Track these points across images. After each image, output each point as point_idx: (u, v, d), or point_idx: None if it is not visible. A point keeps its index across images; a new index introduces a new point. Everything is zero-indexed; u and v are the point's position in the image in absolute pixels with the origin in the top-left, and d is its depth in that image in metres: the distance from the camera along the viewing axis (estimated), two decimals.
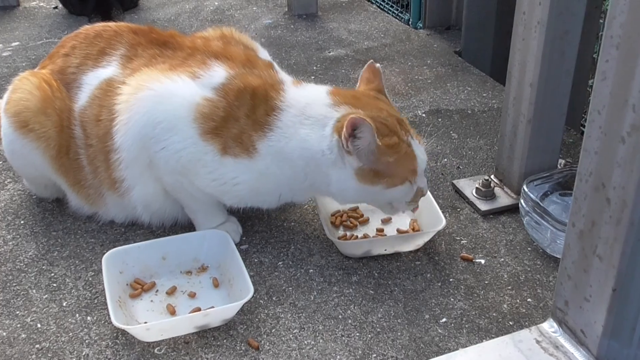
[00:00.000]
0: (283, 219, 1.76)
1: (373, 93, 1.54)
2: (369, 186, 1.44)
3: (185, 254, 1.56)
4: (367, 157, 1.41)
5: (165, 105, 1.48)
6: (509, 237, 1.70)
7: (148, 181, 1.57)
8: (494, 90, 2.47)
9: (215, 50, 1.58)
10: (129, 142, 1.51)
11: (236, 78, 1.50)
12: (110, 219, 1.72)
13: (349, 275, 1.56)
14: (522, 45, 1.67)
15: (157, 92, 1.49)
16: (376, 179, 1.44)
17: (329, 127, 1.43)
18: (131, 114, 1.49)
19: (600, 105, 1.09)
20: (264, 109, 1.47)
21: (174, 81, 1.50)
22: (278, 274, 1.57)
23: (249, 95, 1.48)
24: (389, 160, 1.42)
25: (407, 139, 1.45)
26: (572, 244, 1.21)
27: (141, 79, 1.52)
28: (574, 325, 1.27)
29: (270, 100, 1.47)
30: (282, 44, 2.91)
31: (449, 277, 1.56)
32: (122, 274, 1.50)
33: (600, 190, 1.13)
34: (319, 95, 1.50)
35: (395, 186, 1.45)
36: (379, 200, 1.52)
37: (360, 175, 1.43)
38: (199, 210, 1.64)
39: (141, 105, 1.49)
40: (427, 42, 2.94)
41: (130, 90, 1.51)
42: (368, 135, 1.38)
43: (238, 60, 1.56)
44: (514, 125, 1.77)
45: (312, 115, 1.46)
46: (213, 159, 1.48)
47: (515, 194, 1.81)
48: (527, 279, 1.55)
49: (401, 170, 1.45)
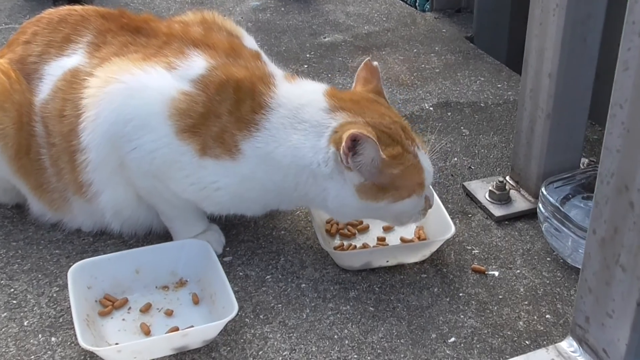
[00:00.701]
0: (272, 227, 1.78)
1: (372, 96, 1.55)
2: (372, 202, 1.46)
3: (161, 267, 1.58)
4: (369, 171, 1.43)
5: (137, 100, 1.49)
6: (525, 246, 1.72)
7: (118, 185, 1.59)
8: (510, 81, 2.50)
9: (194, 38, 1.60)
10: (97, 141, 1.52)
11: (218, 69, 1.51)
12: (76, 227, 1.73)
13: (346, 290, 1.58)
14: (540, 30, 1.69)
15: (128, 85, 1.50)
16: (380, 194, 1.46)
17: (325, 137, 1.45)
18: (99, 110, 1.51)
19: (622, 99, 1.11)
20: (250, 105, 1.48)
21: (147, 73, 1.51)
22: (266, 289, 1.59)
23: (233, 89, 1.49)
24: (394, 172, 1.44)
25: (412, 149, 1.47)
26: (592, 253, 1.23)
27: (110, 70, 1.53)
28: (595, 344, 1.29)
29: (258, 95, 1.49)
30: (272, 28, 2.93)
31: (458, 291, 1.58)
32: (90, 290, 1.51)
33: (624, 192, 1.15)
34: (314, 96, 1.51)
35: (402, 199, 1.47)
36: (384, 215, 1.55)
37: (362, 191, 1.45)
38: (176, 217, 1.66)
39: (110, 100, 1.50)
40: (434, 27, 2.96)
41: (98, 83, 1.52)
42: (371, 151, 1.40)
43: (220, 48, 1.57)
44: (532, 120, 1.79)
45: (306, 120, 1.47)
46: (191, 160, 1.50)
47: (533, 198, 1.83)
48: (546, 293, 1.57)
49: (407, 183, 1.47)
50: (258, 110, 1.48)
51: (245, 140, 1.47)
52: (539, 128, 1.77)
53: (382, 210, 1.49)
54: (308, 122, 1.47)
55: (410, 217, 1.54)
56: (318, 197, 1.49)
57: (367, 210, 1.49)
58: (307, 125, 1.47)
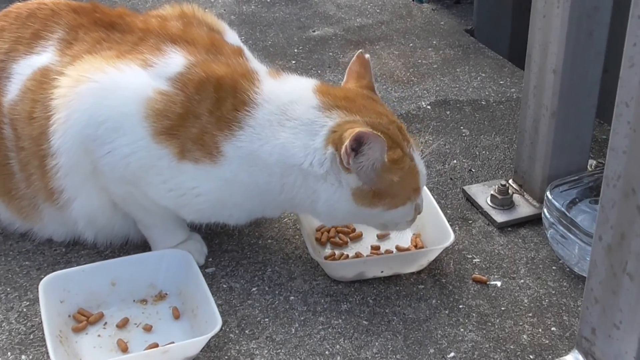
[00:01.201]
0: (258, 235, 1.80)
1: (367, 92, 1.57)
2: (367, 208, 1.49)
3: (139, 279, 1.59)
4: (367, 175, 1.45)
5: (110, 101, 1.51)
6: (530, 254, 1.75)
7: (92, 192, 1.61)
8: (513, 77, 2.53)
9: (172, 33, 1.62)
10: (68, 145, 1.54)
11: (197, 66, 1.53)
12: (47, 237, 1.75)
13: (338, 302, 1.61)
14: (543, 23, 1.72)
15: (101, 84, 1.52)
16: (376, 200, 1.48)
17: (320, 137, 1.46)
18: (70, 112, 1.52)
19: (628, 97, 1.14)
20: (231, 104, 1.50)
21: (121, 71, 1.53)
22: (252, 302, 1.61)
23: (213, 87, 1.51)
24: (393, 179, 1.46)
25: (409, 152, 1.50)
26: (598, 261, 1.26)
27: (82, 68, 1.55)
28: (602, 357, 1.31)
29: (241, 92, 1.50)
30: (257, 21, 2.95)
31: (458, 303, 1.61)
32: (63, 304, 1.53)
33: (630, 196, 1.17)
34: (303, 93, 1.53)
35: (396, 208, 1.51)
36: (373, 221, 1.57)
37: (359, 196, 1.47)
38: (154, 226, 1.68)
39: (82, 100, 1.52)
40: (432, 19, 2.99)
41: (69, 83, 1.54)
42: (376, 152, 1.42)
43: (200, 44, 1.59)
44: (536, 119, 1.82)
45: (296, 118, 1.49)
46: (168, 165, 1.51)
47: (537, 202, 1.86)
48: (551, 304, 1.60)
49: (404, 190, 1.50)
50: (241, 107, 1.49)
51: (227, 140, 1.49)
52: (544, 127, 1.80)
53: (375, 217, 1.53)
54: (298, 119, 1.49)
55: (399, 225, 1.57)
56: (306, 200, 1.51)
57: (360, 215, 1.52)
58: (298, 122, 1.48)
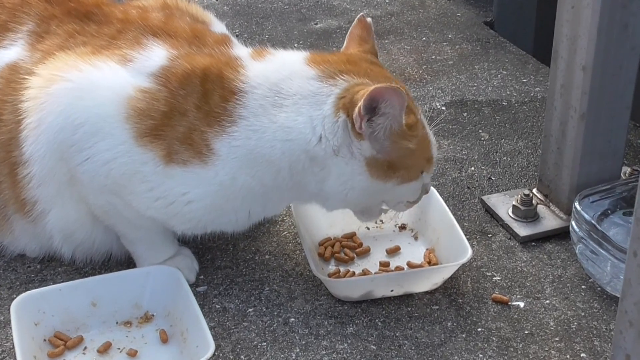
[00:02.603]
0: (254, 250, 1.80)
1: (370, 57, 1.58)
2: (381, 182, 1.49)
3: (123, 299, 1.59)
4: (382, 143, 1.46)
5: (87, 101, 1.51)
6: (556, 271, 1.75)
7: (68, 203, 1.61)
8: (537, 75, 2.53)
9: (153, 25, 1.62)
10: (41, 152, 1.54)
11: (180, 59, 1.54)
12: (19, 252, 1.75)
13: (344, 325, 1.61)
14: (571, 15, 1.72)
15: (76, 83, 1.52)
16: (391, 172, 1.49)
17: (328, 105, 1.47)
18: (42, 115, 1.52)
19: None
20: (219, 96, 1.50)
21: (98, 68, 1.53)
22: (248, 324, 1.61)
23: (199, 80, 1.51)
24: (409, 145, 1.47)
25: (421, 118, 1.53)
26: (633, 280, 1.25)
27: (54, 67, 1.55)
28: None
29: (227, 82, 1.51)
30: (252, 12, 2.95)
31: (476, 325, 1.60)
32: (38, 326, 1.53)
33: None
34: (294, 67, 1.53)
35: (409, 181, 1.52)
36: (383, 198, 1.57)
37: (373, 166, 1.48)
38: (139, 240, 1.68)
39: (55, 102, 1.52)
40: (447, 10, 2.99)
41: (40, 83, 1.54)
42: (397, 109, 1.42)
43: (182, 37, 1.60)
44: (563, 121, 1.82)
45: (294, 93, 1.49)
46: (154, 170, 1.51)
47: (564, 214, 1.86)
48: (581, 328, 1.60)
49: (418, 160, 1.51)
50: (230, 98, 1.50)
51: (218, 137, 1.49)
52: (572, 131, 1.80)
53: (385, 193, 1.53)
54: (297, 94, 1.49)
55: (400, 204, 1.59)
56: (312, 182, 1.51)
57: (372, 193, 1.52)
58: (297, 98, 1.49)
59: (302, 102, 1.48)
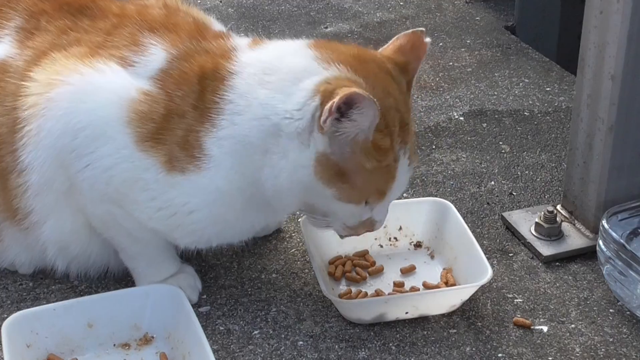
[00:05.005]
0: (260, 268, 1.80)
1: (390, 67, 1.55)
2: (322, 185, 1.46)
3: (121, 320, 1.59)
4: (341, 146, 1.44)
5: (89, 104, 1.51)
6: (582, 293, 1.74)
7: (65, 213, 1.61)
8: (561, 83, 2.52)
9: (152, 20, 1.63)
10: (41, 160, 1.54)
11: (179, 58, 1.55)
12: (8, 263, 1.74)
13: (355, 349, 1.60)
14: (599, 21, 1.71)
15: (77, 87, 1.52)
16: (334, 180, 1.46)
17: (310, 82, 1.45)
18: (42, 121, 1.53)
19: None
20: (211, 89, 1.50)
21: (100, 71, 1.54)
22: (253, 347, 1.60)
23: (197, 79, 1.52)
24: (365, 164, 1.45)
25: (397, 151, 1.49)
26: None
27: (54, 70, 1.55)
28: None
29: (219, 71, 1.51)
30: (259, 15, 2.96)
31: (497, 351, 1.59)
32: (30, 349, 1.52)
33: None
34: (293, 47, 1.54)
35: (348, 202, 1.49)
36: (316, 207, 1.54)
37: (321, 164, 1.45)
38: (139, 255, 1.67)
39: (56, 106, 1.52)
40: (466, 14, 2.99)
41: (40, 89, 1.54)
42: (366, 122, 1.41)
43: (184, 30, 1.60)
44: (589, 133, 1.81)
45: (282, 68, 1.48)
46: (156, 177, 1.51)
47: (591, 232, 1.85)
48: (609, 354, 1.59)
49: (368, 186, 1.49)
50: (218, 87, 1.50)
51: (208, 133, 1.49)
52: (599, 144, 1.79)
53: (321, 200, 1.50)
54: (284, 71, 1.48)
55: (335, 224, 1.56)
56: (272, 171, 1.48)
57: (309, 193, 1.49)
58: (283, 74, 1.48)
59: (286, 77, 1.47)
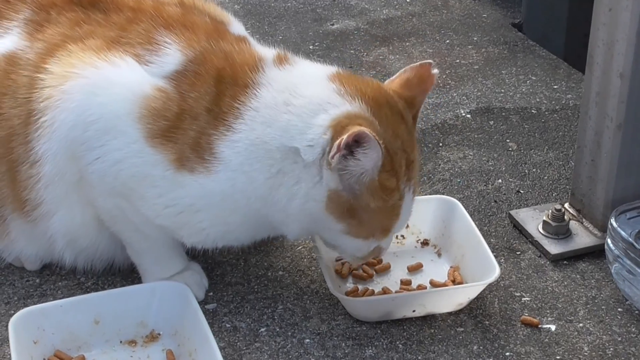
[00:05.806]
0: (267, 266, 1.80)
1: (401, 105, 1.56)
2: (332, 220, 1.50)
3: (127, 316, 1.59)
4: (349, 184, 1.46)
5: (102, 98, 1.52)
6: (590, 292, 1.74)
7: (75, 206, 1.62)
8: (569, 81, 2.53)
9: (169, 16, 1.63)
10: (54, 151, 1.55)
11: (196, 58, 1.55)
12: (15, 256, 1.75)
13: (362, 347, 1.61)
14: (608, 18, 1.72)
15: (92, 80, 1.53)
16: (345, 216, 1.50)
17: (328, 115, 1.47)
18: (56, 112, 1.54)
19: None
20: (230, 95, 1.51)
21: (116, 65, 1.54)
22: (260, 344, 1.61)
23: (213, 81, 1.52)
24: (371, 204, 1.48)
25: (403, 190, 1.52)
26: None
27: (69, 63, 1.56)
28: None
29: (242, 78, 1.52)
30: (265, 12, 2.96)
31: (504, 349, 1.60)
32: (37, 345, 1.53)
33: None
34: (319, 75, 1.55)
35: (356, 237, 1.53)
36: (325, 237, 1.59)
37: (333, 201, 1.48)
38: (146, 252, 1.68)
39: (69, 98, 1.53)
40: (472, 11, 2.99)
41: (55, 81, 1.55)
42: (369, 164, 1.43)
43: (202, 29, 1.61)
44: (598, 131, 1.82)
45: (306, 96, 1.50)
46: (164, 174, 1.52)
47: (599, 231, 1.86)
48: (617, 354, 1.59)
49: (374, 224, 1.52)
50: (241, 94, 1.51)
51: (222, 138, 1.50)
52: (608, 142, 1.80)
53: (330, 234, 1.55)
54: (308, 98, 1.50)
55: (345, 254, 1.61)
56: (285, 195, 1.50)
57: (320, 226, 1.54)
58: (307, 101, 1.50)
59: (308, 108, 1.49)
